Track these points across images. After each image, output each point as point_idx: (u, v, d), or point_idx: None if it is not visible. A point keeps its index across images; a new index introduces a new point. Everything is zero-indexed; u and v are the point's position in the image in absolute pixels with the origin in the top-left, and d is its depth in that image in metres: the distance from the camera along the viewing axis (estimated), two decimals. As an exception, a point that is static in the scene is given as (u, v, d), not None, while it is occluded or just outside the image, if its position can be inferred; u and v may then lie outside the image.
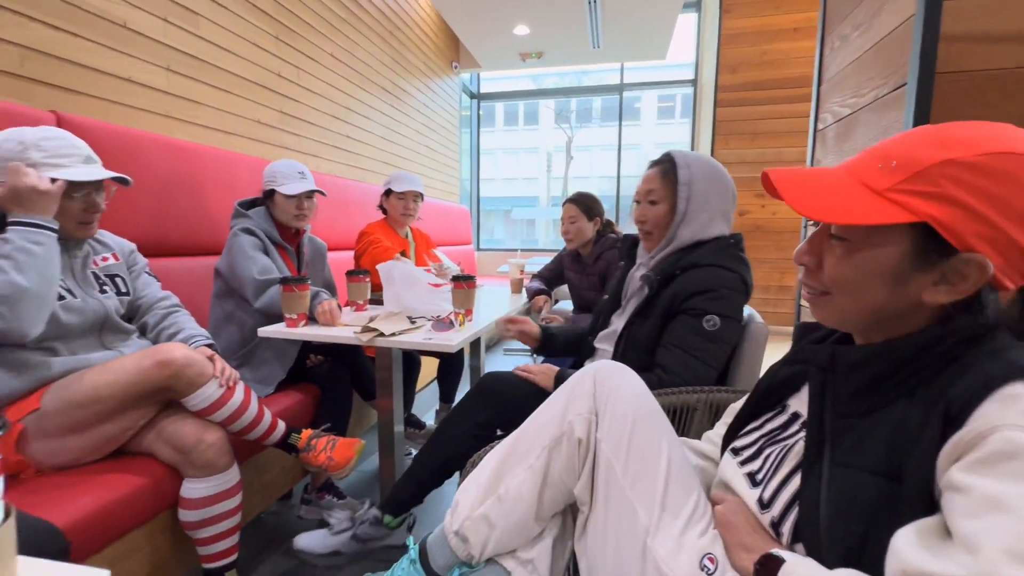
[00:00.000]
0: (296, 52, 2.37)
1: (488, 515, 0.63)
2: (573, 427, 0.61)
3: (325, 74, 2.61)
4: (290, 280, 1.22)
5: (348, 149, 2.86)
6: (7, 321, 0.84)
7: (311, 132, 2.52)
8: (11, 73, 1.28)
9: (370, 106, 3.07)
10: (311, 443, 1.20)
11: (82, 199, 1.00)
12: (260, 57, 2.14)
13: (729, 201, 1.04)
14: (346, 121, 2.82)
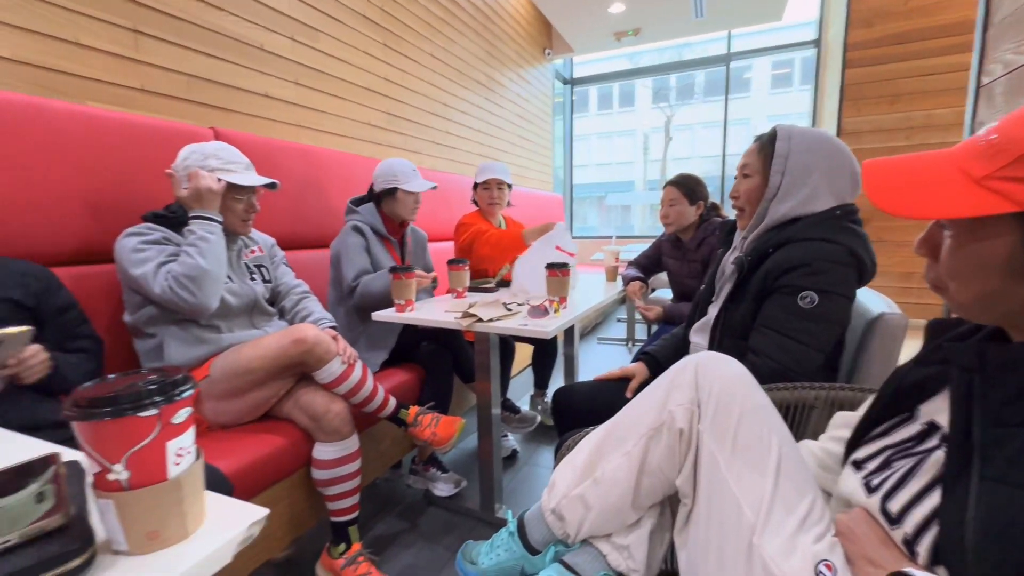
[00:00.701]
0: (400, 56, 2.53)
1: (584, 496, 0.64)
2: (674, 417, 0.59)
3: (426, 74, 2.75)
4: (398, 269, 1.33)
5: (447, 144, 3.00)
6: (195, 297, 1.04)
7: (414, 130, 2.69)
8: (179, 97, 1.54)
9: (467, 101, 3.18)
10: (418, 419, 1.30)
11: (245, 201, 1.19)
12: (370, 64, 2.33)
13: (843, 178, 0.90)
14: (445, 117, 2.96)
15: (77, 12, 1.28)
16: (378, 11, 2.35)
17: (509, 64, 3.74)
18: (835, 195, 0.90)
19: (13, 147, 1.06)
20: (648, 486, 0.62)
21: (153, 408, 0.35)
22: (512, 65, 3.80)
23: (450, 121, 3.01)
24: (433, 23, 2.78)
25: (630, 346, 3.42)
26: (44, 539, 0.33)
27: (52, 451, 0.45)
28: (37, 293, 0.96)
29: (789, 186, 0.91)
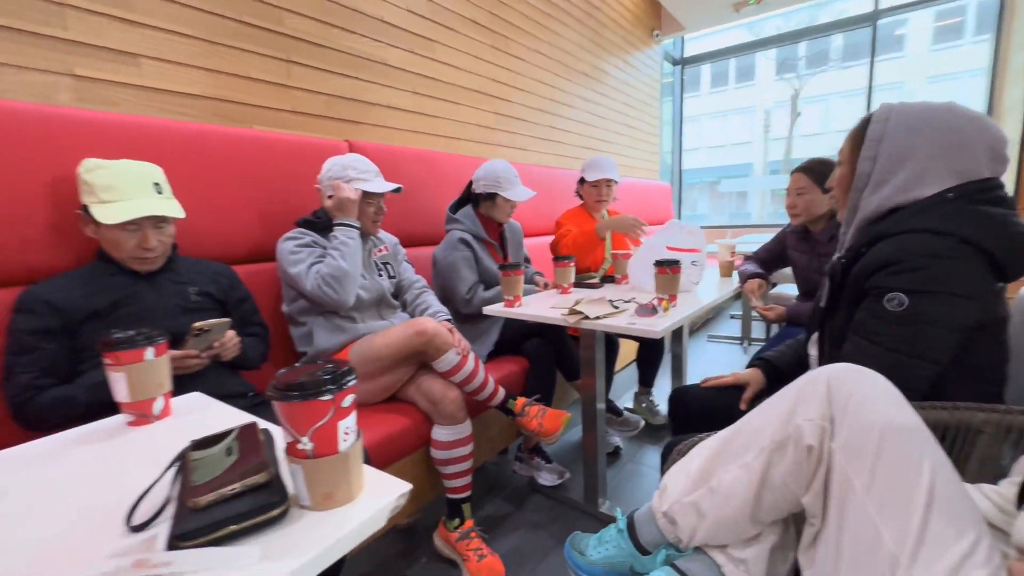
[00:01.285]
0: (509, 57, 2.61)
1: (698, 504, 0.63)
2: (802, 432, 0.56)
3: (532, 71, 2.79)
4: (507, 267, 1.39)
5: (552, 139, 3.03)
6: (337, 293, 1.21)
7: (521, 128, 2.75)
8: (320, 115, 1.76)
9: (571, 93, 3.17)
10: (525, 409, 1.36)
11: (375, 205, 1.35)
12: (480, 67, 2.43)
13: (968, 154, 0.74)
14: (550, 112, 2.98)
15: (245, 51, 1.52)
16: (487, 15, 2.44)
17: (614, 51, 3.64)
18: (955, 174, 0.75)
19: (201, 168, 1.30)
20: (770, 501, 0.59)
21: (329, 394, 0.43)
22: (617, 52, 3.69)
23: (555, 115, 3.03)
24: (539, 19, 2.81)
25: (745, 346, 3.18)
26: (257, 490, 0.43)
27: (252, 420, 0.56)
28: (225, 288, 1.18)
29: (882, 173, 0.79)
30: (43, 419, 0.91)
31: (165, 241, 1.06)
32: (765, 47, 5.05)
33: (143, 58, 1.30)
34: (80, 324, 0.96)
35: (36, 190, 1.04)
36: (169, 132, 1.26)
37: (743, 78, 16.12)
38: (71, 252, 1.08)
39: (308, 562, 0.39)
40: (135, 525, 0.43)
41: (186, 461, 0.48)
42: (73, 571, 0.37)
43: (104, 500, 0.48)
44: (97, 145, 1.12)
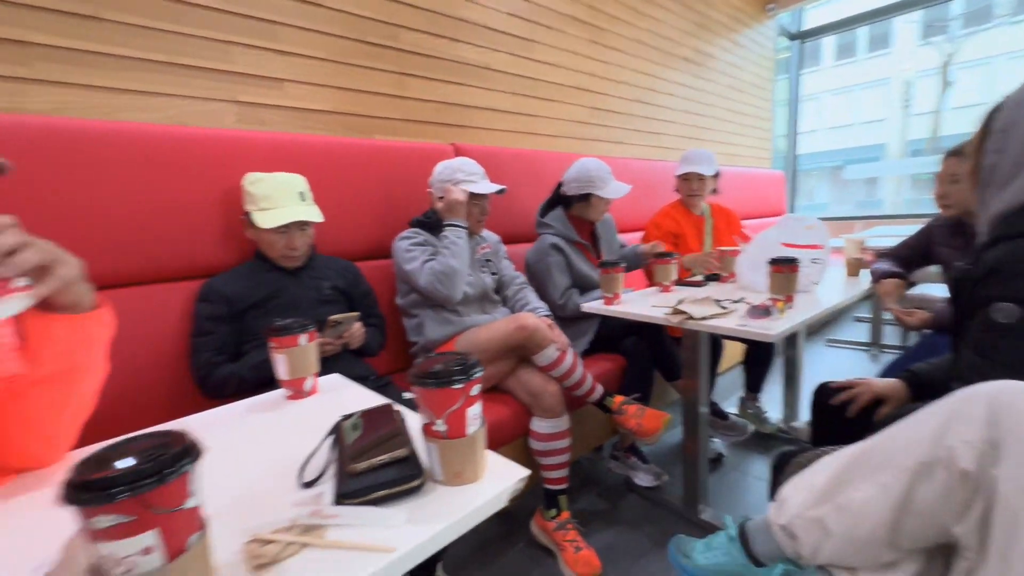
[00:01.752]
0: (606, 49, 2.56)
1: (824, 521, 0.59)
2: (954, 455, 0.50)
3: (630, 62, 2.72)
4: (607, 264, 1.39)
5: (650, 130, 2.93)
6: (447, 289, 1.30)
7: (617, 121, 2.70)
8: (429, 122, 1.89)
9: (672, 81, 3.03)
10: (623, 407, 1.35)
11: (480, 206, 1.42)
12: (577, 63, 2.42)
13: None
14: (649, 103, 2.88)
15: (367, 67, 1.68)
16: (585, 9, 2.42)
17: (720, 32, 3.40)
18: None
19: (332, 176, 1.47)
20: (913, 528, 0.53)
21: (460, 383, 0.48)
22: (724, 32, 3.44)
23: (653, 106, 2.92)
24: (638, 7, 2.72)
25: (874, 353, 2.82)
26: (400, 462, 0.50)
27: (389, 402, 0.64)
28: (351, 282, 1.33)
29: (1010, 168, 0.67)
30: (218, 390, 1.11)
31: (307, 241, 1.22)
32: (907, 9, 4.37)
33: (287, 81, 1.50)
34: (244, 312, 1.15)
35: (210, 200, 1.26)
36: (307, 145, 1.44)
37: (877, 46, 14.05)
38: (236, 250, 1.29)
39: (444, 529, 0.44)
40: (305, 482, 0.52)
41: (340, 432, 0.57)
42: (270, 513, 0.46)
43: (278, 458, 0.58)
44: (254, 160, 1.32)
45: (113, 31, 1.20)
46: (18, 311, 0.49)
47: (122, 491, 0.31)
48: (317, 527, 0.44)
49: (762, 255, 1.43)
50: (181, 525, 0.34)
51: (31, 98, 1.12)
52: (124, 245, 1.14)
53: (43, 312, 0.53)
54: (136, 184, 1.14)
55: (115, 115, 1.22)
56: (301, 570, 0.39)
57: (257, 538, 0.42)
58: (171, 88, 1.30)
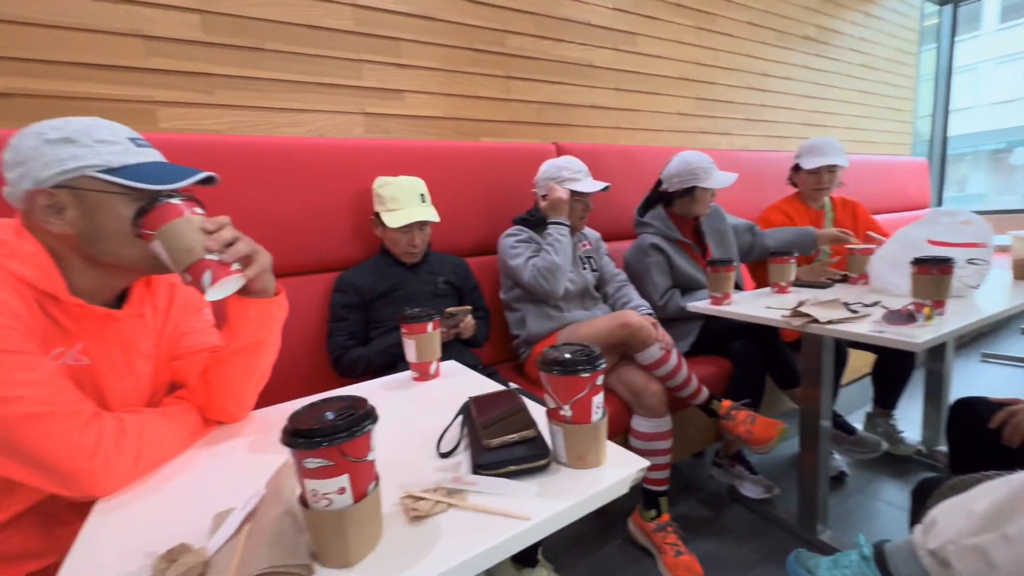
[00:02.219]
0: (714, 35, 2.43)
1: (986, 550, 0.53)
2: None
3: (741, 46, 2.55)
4: (716, 262, 1.33)
5: (762, 119, 2.72)
6: (549, 284, 1.35)
7: (725, 111, 2.55)
8: (533, 122, 1.94)
9: (789, 64, 2.78)
10: (731, 412, 1.29)
11: (583, 203, 1.45)
12: (682, 52, 2.33)
13: None
14: (761, 89, 2.68)
15: (475, 73, 1.77)
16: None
17: (850, 3, 3.04)
18: None
19: (444, 178, 1.57)
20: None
21: (587, 372, 0.51)
22: (855, 4, 3.07)
23: (767, 92, 2.70)
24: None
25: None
26: (528, 442, 0.54)
27: (512, 388, 0.70)
28: (462, 277, 1.43)
29: None
30: (350, 370, 1.25)
31: (425, 239, 1.34)
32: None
33: (406, 92, 1.64)
34: (371, 302, 1.29)
35: (343, 201, 1.42)
36: (423, 150, 1.56)
37: (1060, 1, 11.50)
38: (365, 246, 1.45)
39: (572, 506, 0.48)
40: (443, 452, 0.58)
41: (471, 410, 0.63)
42: (415, 476, 0.53)
43: (416, 431, 0.66)
44: (379, 165, 1.46)
45: (273, 59, 1.40)
46: (234, 290, 0.62)
47: (327, 440, 0.38)
48: (459, 491, 0.49)
49: (904, 254, 1.27)
50: (364, 474, 0.41)
51: (211, 120, 1.35)
52: (279, 242, 1.33)
53: (240, 296, 0.66)
54: (287, 189, 1.33)
55: (274, 131, 1.43)
56: (449, 526, 0.45)
57: (410, 494, 0.49)
58: (314, 104, 1.48)
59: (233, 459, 0.63)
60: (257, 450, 0.65)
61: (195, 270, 0.58)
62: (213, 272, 0.58)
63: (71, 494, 0.54)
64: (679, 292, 1.61)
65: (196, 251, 0.58)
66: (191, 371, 0.73)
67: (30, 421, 0.51)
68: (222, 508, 0.49)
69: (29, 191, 0.58)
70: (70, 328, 0.61)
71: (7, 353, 0.51)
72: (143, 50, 1.25)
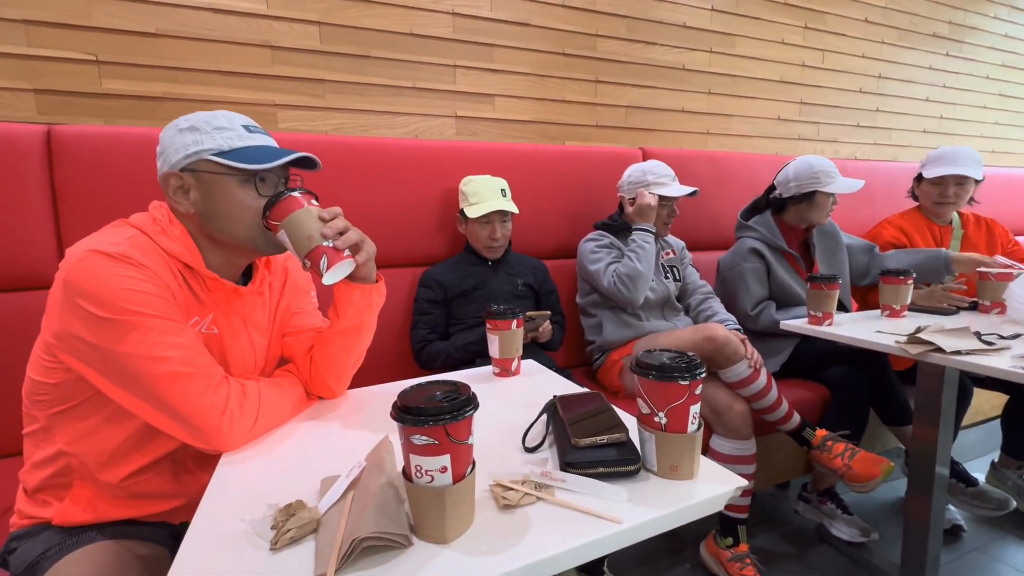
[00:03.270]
0: (823, 35, 2.25)
1: None
2: None
3: (853, 46, 2.34)
4: (818, 279, 1.22)
5: (875, 125, 2.47)
6: (629, 292, 1.32)
7: (831, 116, 2.35)
8: (619, 127, 1.91)
9: (912, 64, 2.51)
10: (826, 443, 1.19)
11: (668, 207, 1.40)
12: (786, 54, 2.18)
13: None
14: (876, 93, 2.44)
15: (564, 78, 1.78)
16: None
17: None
18: None
19: (528, 180, 1.58)
20: None
21: (685, 380, 0.49)
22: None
23: (882, 96, 2.46)
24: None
25: None
26: (618, 445, 0.53)
27: (596, 391, 0.69)
28: (540, 280, 1.43)
29: None
30: (430, 362, 1.30)
31: (506, 233, 1.36)
32: None
33: (496, 96, 1.69)
34: (453, 299, 1.34)
35: (431, 200, 1.49)
36: (509, 152, 1.59)
37: None
38: (449, 244, 1.51)
39: (665, 515, 0.46)
40: (529, 447, 0.59)
41: (556, 409, 0.63)
42: (502, 466, 0.54)
43: (500, 423, 0.67)
44: (466, 166, 1.51)
45: (377, 65, 1.51)
46: (346, 274, 0.67)
47: (433, 419, 0.40)
48: (547, 486, 0.50)
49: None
50: (464, 456, 0.42)
51: (321, 122, 1.48)
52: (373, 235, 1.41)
53: (346, 281, 0.71)
54: (382, 187, 1.42)
55: (373, 132, 1.53)
56: (539, 518, 0.45)
57: (499, 483, 0.50)
58: (411, 108, 1.57)
59: (333, 431, 0.68)
60: (353, 426, 0.70)
61: (314, 256, 0.63)
62: (328, 258, 0.63)
63: (201, 445, 0.61)
64: (774, 305, 1.50)
65: (315, 238, 0.63)
66: (299, 348, 0.79)
67: (175, 379, 0.58)
68: (328, 475, 0.53)
69: (164, 174, 0.66)
70: (205, 300, 0.69)
71: (160, 319, 0.59)
72: (269, 59, 1.39)
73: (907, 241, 1.64)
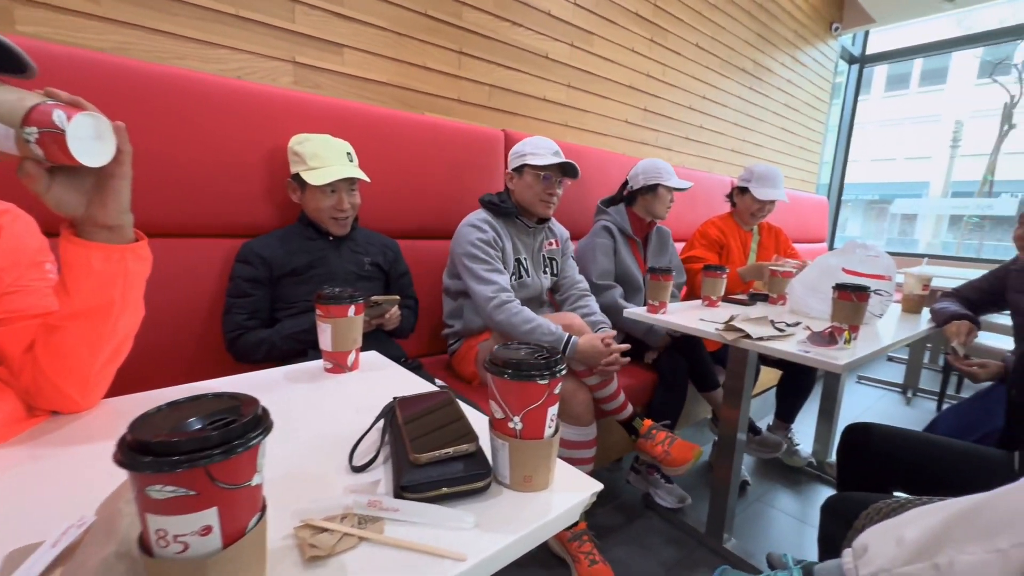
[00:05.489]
0: (665, 50, 2.48)
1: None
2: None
3: (687, 66, 2.63)
4: (657, 270, 1.32)
5: (700, 140, 2.84)
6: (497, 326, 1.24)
7: (667, 126, 2.62)
8: (482, 105, 1.83)
9: (727, 91, 2.93)
10: (651, 432, 1.29)
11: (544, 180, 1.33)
12: (635, 61, 2.35)
13: None
14: (700, 111, 2.79)
15: (426, 42, 1.63)
16: (651, 7, 2.34)
17: (783, 46, 3.28)
18: None
19: (381, 148, 1.42)
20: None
21: (545, 378, 0.43)
22: (786, 47, 3.32)
23: (705, 115, 2.83)
24: (704, 11, 2.63)
25: (909, 396, 2.70)
26: (466, 458, 0.45)
27: (444, 389, 0.59)
28: (391, 261, 1.29)
29: None
30: (247, 354, 1.07)
31: (354, 204, 1.18)
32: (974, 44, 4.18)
33: (347, 48, 1.46)
34: (281, 278, 1.12)
35: (256, 157, 1.22)
36: (357, 113, 1.39)
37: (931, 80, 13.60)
38: (279, 213, 1.26)
39: (515, 542, 0.39)
40: (356, 466, 0.47)
41: (395, 415, 0.52)
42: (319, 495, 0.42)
43: (325, 434, 0.54)
44: (304, 122, 1.28)
45: (182, -25, 1.17)
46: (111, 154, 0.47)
47: (186, 461, 0.26)
48: (375, 519, 0.39)
49: (820, 279, 1.35)
50: (244, 505, 0.29)
51: (92, 34, 1.09)
52: (172, 194, 1.11)
53: (82, 240, 0.50)
54: (187, 133, 1.11)
55: (176, 62, 1.19)
56: (360, 568, 0.35)
57: (308, 523, 0.38)
58: (234, 41, 1.26)
59: (58, 468, 0.47)
60: (98, 456, 0.49)
61: (38, 117, 0.42)
62: (63, 110, 0.43)
63: None
64: (621, 291, 1.62)
65: (25, 98, 0.42)
66: (12, 343, 0.54)
67: None
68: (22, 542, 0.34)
69: None
70: None
71: None
72: (-1, -74, 0.97)
73: (725, 240, 1.91)
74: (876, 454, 0.98)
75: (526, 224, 1.40)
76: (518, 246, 1.39)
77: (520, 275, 1.36)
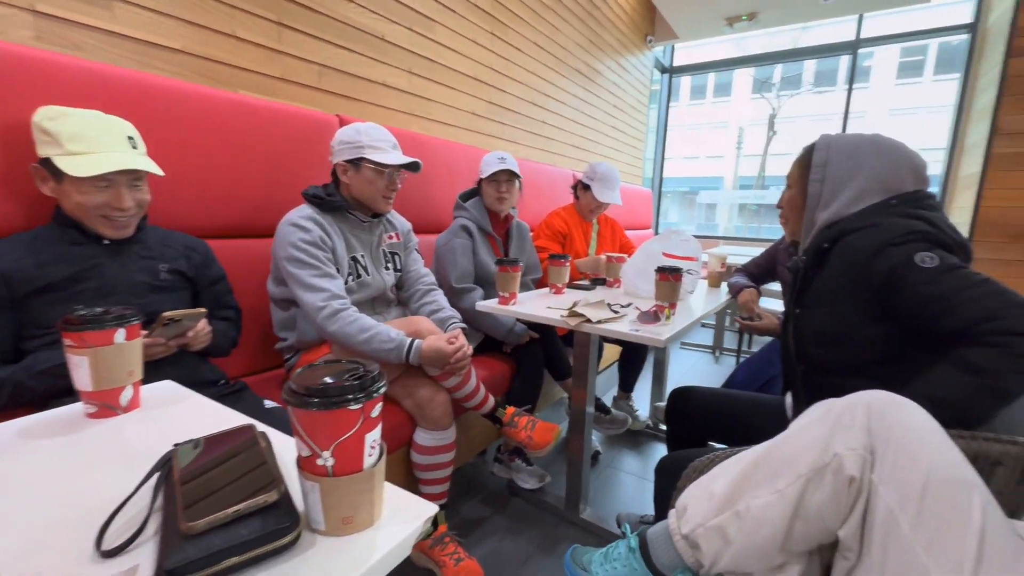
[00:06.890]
0: (506, 45, 2.53)
1: (724, 528, 0.60)
2: (842, 462, 0.53)
3: (528, 62, 2.73)
4: (505, 262, 1.33)
5: (542, 134, 2.98)
6: (331, 336, 1.13)
7: (513, 120, 2.69)
8: (311, 86, 1.64)
9: (565, 90, 3.13)
10: (514, 419, 1.31)
11: (387, 177, 1.23)
12: (478, 53, 2.35)
13: (900, 173, 0.87)
14: (543, 107, 2.93)
15: (235, 7, 1.39)
16: (489, 0, 2.36)
17: (609, 52, 3.62)
18: (890, 190, 0.87)
19: (178, 129, 1.18)
20: (802, 531, 0.56)
21: (358, 402, 0.37)
22: (612, 53, 3.67)
23: (547, 111, 2.98)
24: (539, 10, 2.75)
25: (717, 355, 3.24)
26: (264, 511, 0.36)
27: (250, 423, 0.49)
28: (198, 265, 1.07)
29: (830, 192, 0.90)
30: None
31: (141, 201, 0.94)
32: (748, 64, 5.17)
33: (117, 1, 1.17)
34: (28, 297, 0.84)
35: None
36: (142, 85, 1.13)
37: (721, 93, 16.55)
38: (21, 211, 0.95)
39: (329, 603, 0.33)
40: (107, 550, 0.35)
41: (171, 469, 0.40)
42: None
43: (67, 512, 0.40)
44: (57, 92, 0.99)
45: None
46: None
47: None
48: (124, 626, 0.29)
49: (646, 263, 1.51)
50: None
51: None
52: None
53: None
54: None
55: None
56: None
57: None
58: (-83, -30, 0.91)
59: None
60: None
61: None
62: None
63: None
64: (481, 292, 1.60)
65: None
66: None
67: None
68: None
69: None
70: None
71: None
72: None
73: (568, 230, 2.03)
74: (695, 414, 1.13)
75: (359, 219, 1.26)
76: (352, 243, 1.25)
77: (358, 275, 1.24)
